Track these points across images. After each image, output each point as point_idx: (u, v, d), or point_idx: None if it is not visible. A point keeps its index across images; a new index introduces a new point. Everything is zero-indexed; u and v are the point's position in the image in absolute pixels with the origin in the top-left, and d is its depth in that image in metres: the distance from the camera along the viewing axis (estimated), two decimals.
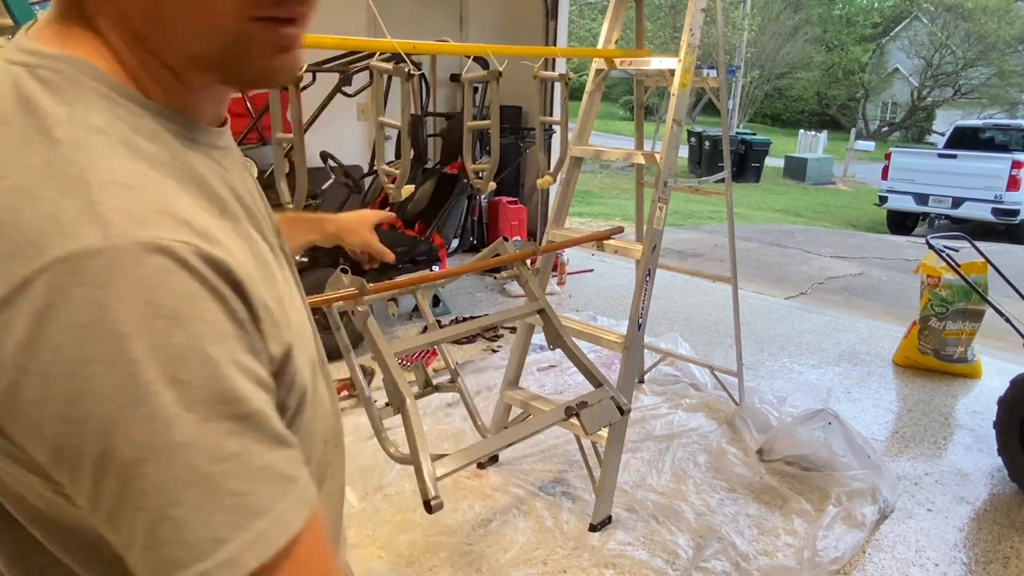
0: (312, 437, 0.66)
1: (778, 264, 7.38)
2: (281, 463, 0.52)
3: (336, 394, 0.79)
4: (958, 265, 3.63)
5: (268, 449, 0.52)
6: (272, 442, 0.52)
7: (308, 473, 0.55)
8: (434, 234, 4.53)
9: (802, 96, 29.76)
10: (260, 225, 0.64)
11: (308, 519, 0.54)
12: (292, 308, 0.62)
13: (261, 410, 0.51)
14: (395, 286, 2.12)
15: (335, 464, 0.77)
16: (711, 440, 3.18)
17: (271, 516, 0.50)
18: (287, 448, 0.53)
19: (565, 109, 3.26)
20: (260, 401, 0.52)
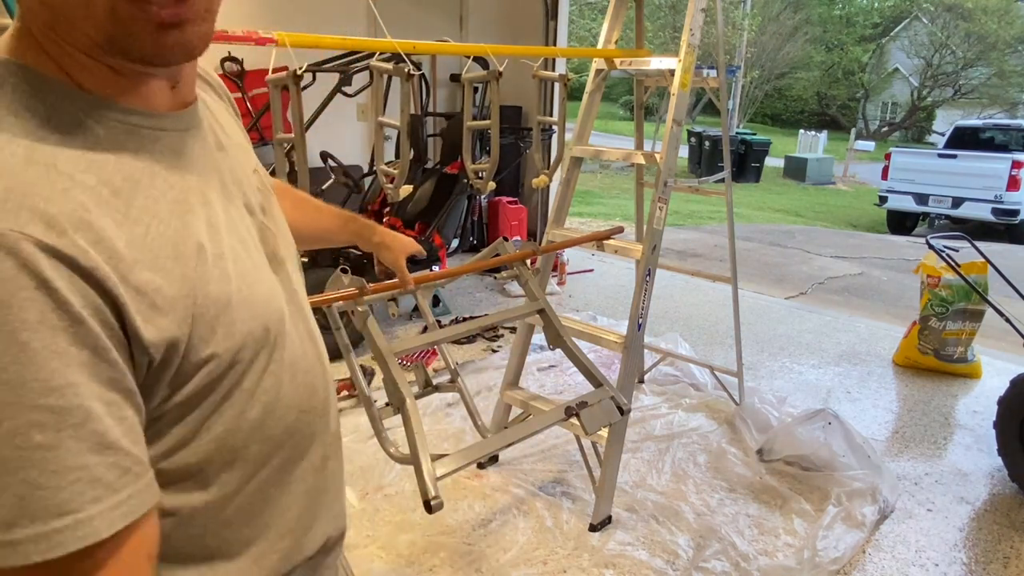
0: (274, 408, 0.69)
1: (778, 264, 7.38)
2: (103, 466, 0.52)
3: (325, 364, 0.81)
4: (958, 265, 3.63)
5: (89, 450, 0.51)
6: (96, 443, 0.51)
7: (146, 485, 0.55)
8: (434, 234, 4.52)
9: (802, 96, 29.74)
10: (220, 197, 0.67)
11: (123, 534, 0.53)
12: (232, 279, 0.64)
13: (87, 407, 0.51)
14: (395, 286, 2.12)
15: (319, 435, 0.78)
16: (711, 440, 3.18)
17: (73, 518, 0.50)
18: (115, 453, 0.53)
19: (563, 109, 3.26)
20: (90, 398, 0.51)
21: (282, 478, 0.73)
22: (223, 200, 0.68)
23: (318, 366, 0.79)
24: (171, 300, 0.58)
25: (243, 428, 0.67)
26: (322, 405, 0.78)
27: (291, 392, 0.71)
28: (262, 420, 0.68)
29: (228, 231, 0.66)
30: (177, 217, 0.61)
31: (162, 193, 0.61)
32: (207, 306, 0.61)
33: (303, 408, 0.74)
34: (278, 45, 1.88)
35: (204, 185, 0.66)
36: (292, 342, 0.73)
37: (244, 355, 0.64)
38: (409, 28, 2.66)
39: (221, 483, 0.66)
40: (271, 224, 0.76)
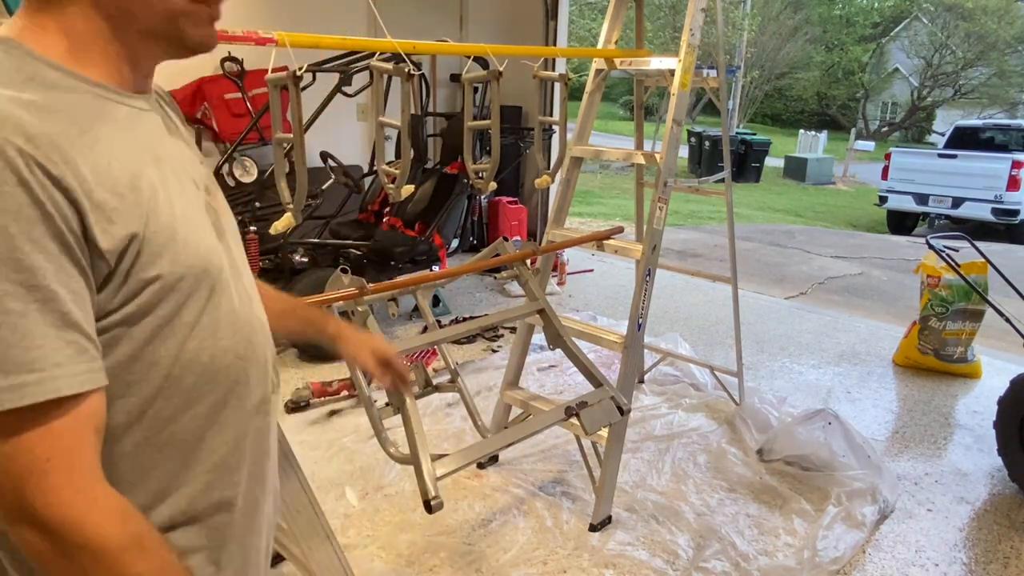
0: (211, 347, 0.77)
1: (778, 264, 7.38)
2: (63, 340, 0.62)
3: (266, 329, 0.89)
4: (958, 265, 3.63)
5: (53, 324, 0.62)
6: (59, 320, 0.62)
7: (99, 367, 0.66)
8: (434, 234, 4.52)
9: (802, 96, 29.73)
10: (170, 164, 0.78)
11: (79, 400, 0.64)
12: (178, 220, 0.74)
13: (53, 289, 0.62)
14: (395, 286, 2.12)
15: (256, 385, 0.84)
16: (711, 440, 3.18)
17: (39, 375, 0.61)
18: (75, 332, 0.63)
19: (564, 109, 3.26)
20: (56, 283, 0.62)
21: (215, 416, 0.79)
22: (173, 170, 0.78)
23: (258, 326, 0.87)
24: (125, 218, 0.67)
25: (181, 359, 0.74)
26: (261, 359, 0.85)
27: (228, 337, 0.79)
28: (197, 354, 0.76)
29: (177, 191, 0.76)
30: (133, 163, 0.72)
31: (122, 145, 0.72)
32: (156, 231, 0.70)
33: (239, 354, 0.81)
34: (278, 45, 1.88)
35: (156, 153, 0.76)
36: (230, 295, 0.81)
37: (184, 285, 0.73)
38: (409, 28, 2.66)
39: (157, 408, 0.74)
40: (215, 204, 0.86)
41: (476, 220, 5.87)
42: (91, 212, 0.65)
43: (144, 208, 0.70)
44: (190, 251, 0.74)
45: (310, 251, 4.09)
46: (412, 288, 2.21)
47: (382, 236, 4.38)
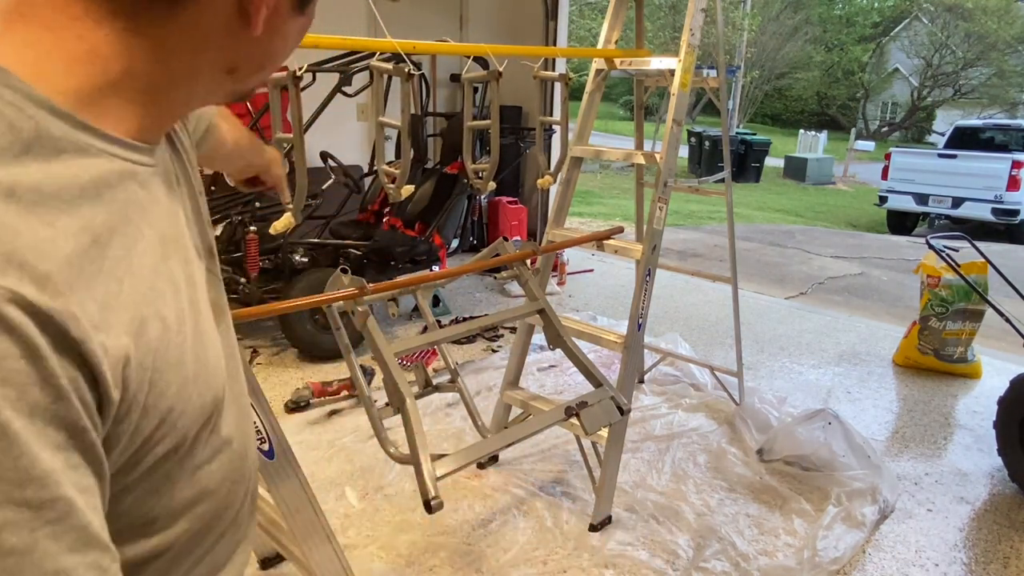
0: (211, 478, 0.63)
1: (778, 264, 7.38)
2: (84, 570, 0.44)
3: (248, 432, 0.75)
4: (958, 265, 3.63)
5: (68, 550, 0.43)
6: (76, 540, 0.44)
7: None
8: (434, 234, 4.52)
9: (802, 96, 29.75)
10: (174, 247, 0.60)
11: None
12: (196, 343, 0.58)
13: (68, 498, 0.44)
14: (395, 286, 2.12)
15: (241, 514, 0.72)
16: (711, 440, 3.18)
17: None
18: (95, 551, 0.46)
19: (565, 109, 3.26)
20: (70, 487, 0.44)
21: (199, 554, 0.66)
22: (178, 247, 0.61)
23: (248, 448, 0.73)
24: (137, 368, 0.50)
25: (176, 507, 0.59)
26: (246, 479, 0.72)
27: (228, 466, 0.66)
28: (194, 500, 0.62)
29: (186, 285, 0.60)
30: (149, 269, 0.54)
31: (135, 240, 0.53)
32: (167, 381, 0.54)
33: (234, 479, 0.67)
34: None
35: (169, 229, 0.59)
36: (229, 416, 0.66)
37: (191, 432, 0.58)
38: (409, 28, 2.66)
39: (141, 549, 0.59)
40: (215, 268, 0.70)
41: (476, 220, 5.87)
42: (108, 372, 0.47)
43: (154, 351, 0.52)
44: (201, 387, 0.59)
45: (310, 251, 4.09)
46: (412, 288, 2.21)
47: (382, 236, 4.38)
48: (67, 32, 0.49)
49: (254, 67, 0.61)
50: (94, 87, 0.51)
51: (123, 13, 0.51)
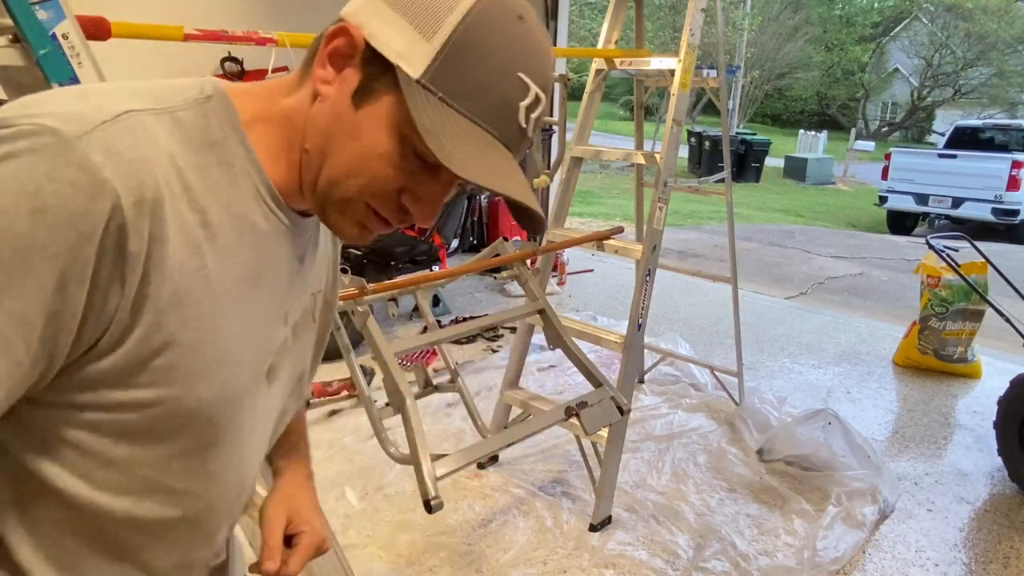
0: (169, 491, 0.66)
1: (778, 264, 7.38)
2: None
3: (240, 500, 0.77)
4: (958, 265, 3.62)
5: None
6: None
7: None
8: (434, 234, 4.52)
9: (802, 96, 29.75)
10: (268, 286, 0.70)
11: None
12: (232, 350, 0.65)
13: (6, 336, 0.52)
14: (395, 286, 2.12)
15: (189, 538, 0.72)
16: (711, 440, 3.18)
17: None
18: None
19: (563, 109, 3.26)
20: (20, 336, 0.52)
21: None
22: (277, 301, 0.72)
23: (248, 477, 0.75)
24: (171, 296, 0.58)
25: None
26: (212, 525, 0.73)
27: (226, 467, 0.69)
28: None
29: (261, 319, 0.69)
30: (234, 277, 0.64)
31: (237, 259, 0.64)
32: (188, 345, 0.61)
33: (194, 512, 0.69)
34: (278, 45, 1.88)
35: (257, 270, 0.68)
36: (227, 457, 0.70)
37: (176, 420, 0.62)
38: None
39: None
40: (293, 344, 0.77)
41: (476, 220, 5.87)
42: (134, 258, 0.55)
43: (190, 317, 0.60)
44: (209, 386, 0.63)
45: None
46: (412, 288, 2.21)
47: (382, 236, 4.38)
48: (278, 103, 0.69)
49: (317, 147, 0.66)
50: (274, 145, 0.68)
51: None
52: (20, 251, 0.50)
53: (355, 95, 0.63)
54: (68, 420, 0.59)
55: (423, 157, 0.63)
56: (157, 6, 3.95)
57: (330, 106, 0.64)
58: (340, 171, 0.65)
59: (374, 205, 0.67)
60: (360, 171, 0.65)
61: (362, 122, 0.63)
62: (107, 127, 0.55)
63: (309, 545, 0.87)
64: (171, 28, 1.68)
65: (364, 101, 0.63)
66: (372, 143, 0.63)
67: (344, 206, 0.67)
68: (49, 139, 0.52)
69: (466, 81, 0.61)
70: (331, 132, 0.65)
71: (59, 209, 0.51)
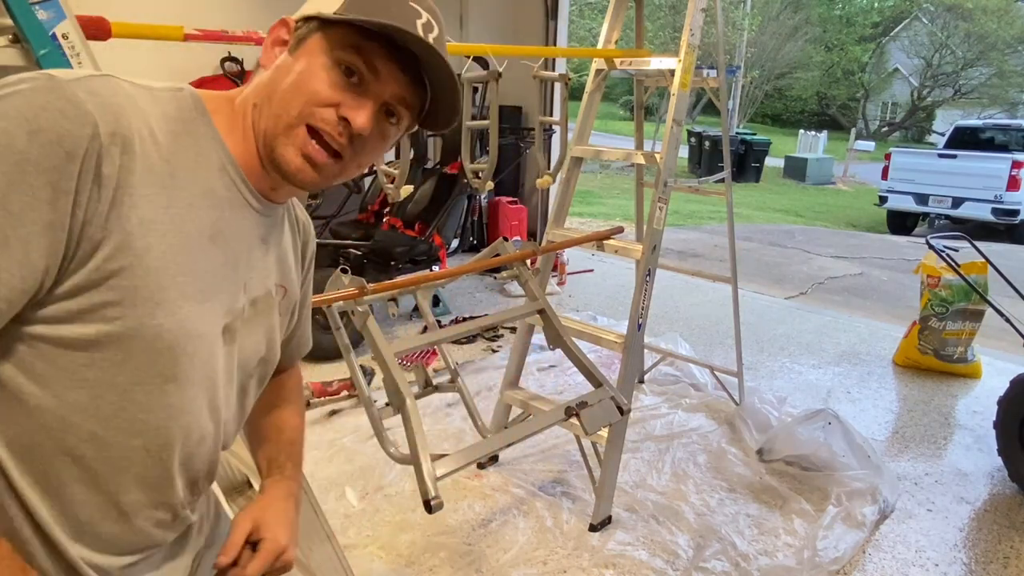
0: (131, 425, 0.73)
1: (778, 264, 7.38)
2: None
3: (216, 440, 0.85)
4: (958, 265, 3.62)
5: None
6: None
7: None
8: (434, 234, 4.52)
9: (802, 96, 29.71)
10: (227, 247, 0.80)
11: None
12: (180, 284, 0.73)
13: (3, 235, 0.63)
14: (395, 286, 2.12)
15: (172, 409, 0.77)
16: (711, 440, 3.18)
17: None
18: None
19: (565, 109, 3.26)
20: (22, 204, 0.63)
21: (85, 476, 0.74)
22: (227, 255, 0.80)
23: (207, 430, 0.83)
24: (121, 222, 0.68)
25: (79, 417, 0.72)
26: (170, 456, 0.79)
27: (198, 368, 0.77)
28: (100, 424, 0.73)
29: (219, 276, 0.79)
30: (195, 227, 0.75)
31: (198, 214, 0.75)
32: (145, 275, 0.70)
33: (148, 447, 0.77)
34: None
35: (220, 230, 0.78)
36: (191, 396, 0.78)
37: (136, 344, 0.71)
38: None
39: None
40: (252, 318, 0.86)
41: (476, 220, 5.86)
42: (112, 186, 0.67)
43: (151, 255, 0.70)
44: (169, 315, 0.72)
45: None
46: (412, 288, 2.21)
47: (382, 236, 4.38)
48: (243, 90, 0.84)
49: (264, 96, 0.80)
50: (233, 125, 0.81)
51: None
52: (19, 164, 0.62)
53: (290, 50, 0.79)
54: (37, 333, 0.68)
55: (350, 72, 0.77)
56: (157, 6, 3.95)
57: (271, 66, 0.80)
58: (283, 102, 0.77)
59: (315, 123, 0.77)
60: (299, 94, 0.77)
61: (297, 60, 0.78)
62: (93, 79, 0.69)
63: (267, 552, 0.95)
64: (171, 28, 1.67)
65: (297, 48, 0.79)
66: (306, 72, 0.77)
67: (288, 133, 0.77)
68: (46, 81, 0.65)
69: (371, 6, 0.77)
70: (274, 80, 0.79)
71: (50, 131, 0.63)
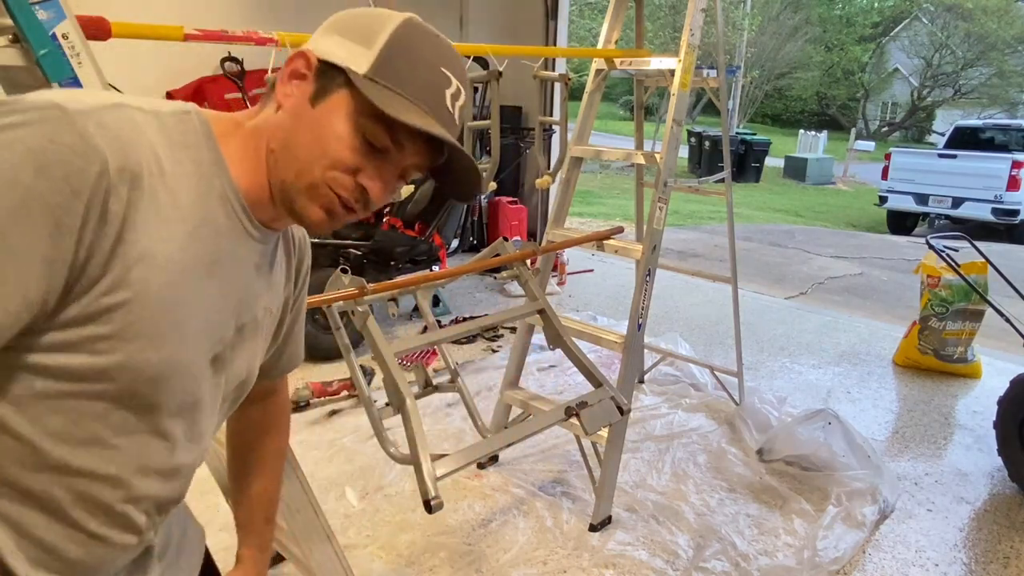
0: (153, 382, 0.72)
1: (778, 264, 7.38)
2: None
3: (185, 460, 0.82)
4: (958, 265, 3.62)
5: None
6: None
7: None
8: (434, 234, 4.52)
9: (802, 96, 29.72)
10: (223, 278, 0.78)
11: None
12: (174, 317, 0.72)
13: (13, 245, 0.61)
14: (395, 286, 2.12)
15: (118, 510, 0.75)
16: (711, 440, 3.18)
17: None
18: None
19: (564, 109, 3.26)
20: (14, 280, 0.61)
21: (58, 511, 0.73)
22: (229, 297, 0.80)
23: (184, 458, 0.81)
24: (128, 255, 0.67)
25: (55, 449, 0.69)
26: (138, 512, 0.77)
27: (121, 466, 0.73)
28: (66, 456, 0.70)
29: (214, 309, 0.78)
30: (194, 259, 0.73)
31: (198, 244, 0.74)
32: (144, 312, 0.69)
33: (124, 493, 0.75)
34: (278, 45, 1.87)
35: (217, 260, 0.77)
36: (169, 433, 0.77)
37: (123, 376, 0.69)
38: None
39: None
40: (238, 344, 0.85)
41: (476, 220, 5.86)
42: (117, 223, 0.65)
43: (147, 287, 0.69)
44: (159, 349, 0.70)
45: None
46: (412, 288, 2.20)
47: (382, 236, 4.38)
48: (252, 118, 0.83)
49: (281, 144, 0.78)
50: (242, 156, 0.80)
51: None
52: (24, 199, 0.60)
53: (312, 97, 0.77)
54: (22, 361, 0.66)
55: (372, 141, 0.76)
56: (157, 6, 3.95)
57: (291, 108, 0.77)
58: (304, 159, 0.76)
59: (334, 187, 0.77)
60: (321, 156, 0.76)
61: (319, 116, 0.76)
62: (103, 110, 0.66)
63: None
64: (171, 28, 1.67)
65: (319, 100, 0.76)
66: (330, 131, 0.75)
67: (311, 191, 0.77)
68: (56, 112, 0.63)
69: (402, 72, 0.77)
70: (293, 129, 0.77)
71: (57, 167, 0.61)
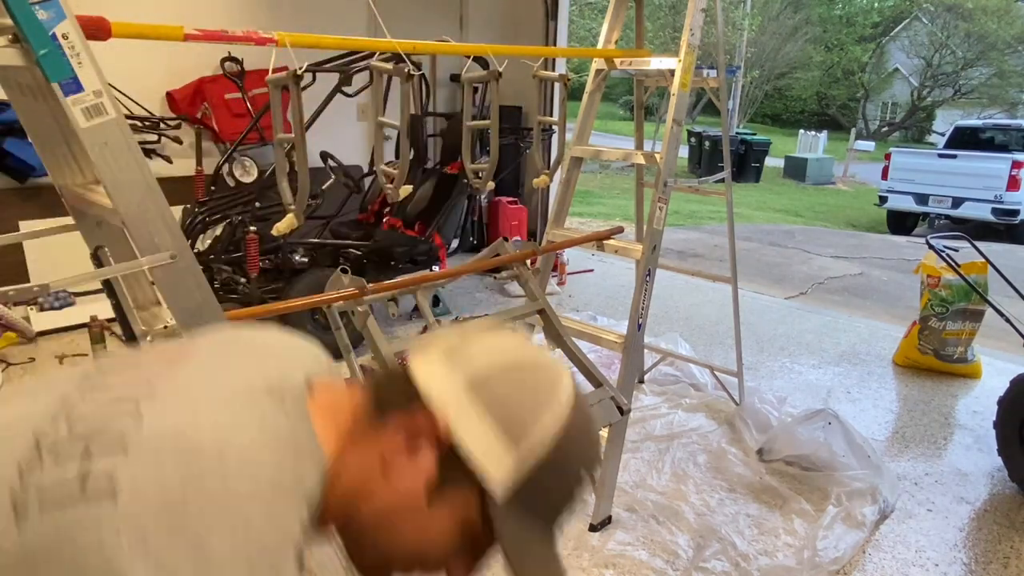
0: None
1: (778, 264, 7.38)
2: None
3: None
4: (958, 265, 3.62)
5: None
6: None
7: None
8: (434, 234, 4.52)
9: (802, 96, 29.72)
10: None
11: None
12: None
13: None
14: (395, 286, 2.13)
15: None
16: (711, 440, 3.18)
17: None
18: None
19: (563, 109, 3.26)
20: None
21: None
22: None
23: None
24: None
25: None
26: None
27: None
28: None
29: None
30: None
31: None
32: None
33: None
34: (278, 45, 1.87)
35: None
36: None
37: None
38: (409, 28, 2.66)
39: None
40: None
41: (476, 220, 5.87)
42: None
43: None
44: None
45: (310, 251, 4.09)
46: (412, 288, 2.21)
47: (382, 236, 4.38)
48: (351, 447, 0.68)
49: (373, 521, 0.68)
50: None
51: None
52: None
53: (429, 491, 0.65)
54: None
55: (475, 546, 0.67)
56: (157, 6, 3.95)
57: (401, 491, 0.65)
58: (401, 553, 0.68)
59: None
60: (420, 558, 0.67)
61: (432, 518, 0.65)
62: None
63: None
64: (171, 28, 1.67)
65: (439, 499, 0.65)
66: (439, 537, 0.66)
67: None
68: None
69: (546, 496, 0.65)
70: (397, 513, 0.66)
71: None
